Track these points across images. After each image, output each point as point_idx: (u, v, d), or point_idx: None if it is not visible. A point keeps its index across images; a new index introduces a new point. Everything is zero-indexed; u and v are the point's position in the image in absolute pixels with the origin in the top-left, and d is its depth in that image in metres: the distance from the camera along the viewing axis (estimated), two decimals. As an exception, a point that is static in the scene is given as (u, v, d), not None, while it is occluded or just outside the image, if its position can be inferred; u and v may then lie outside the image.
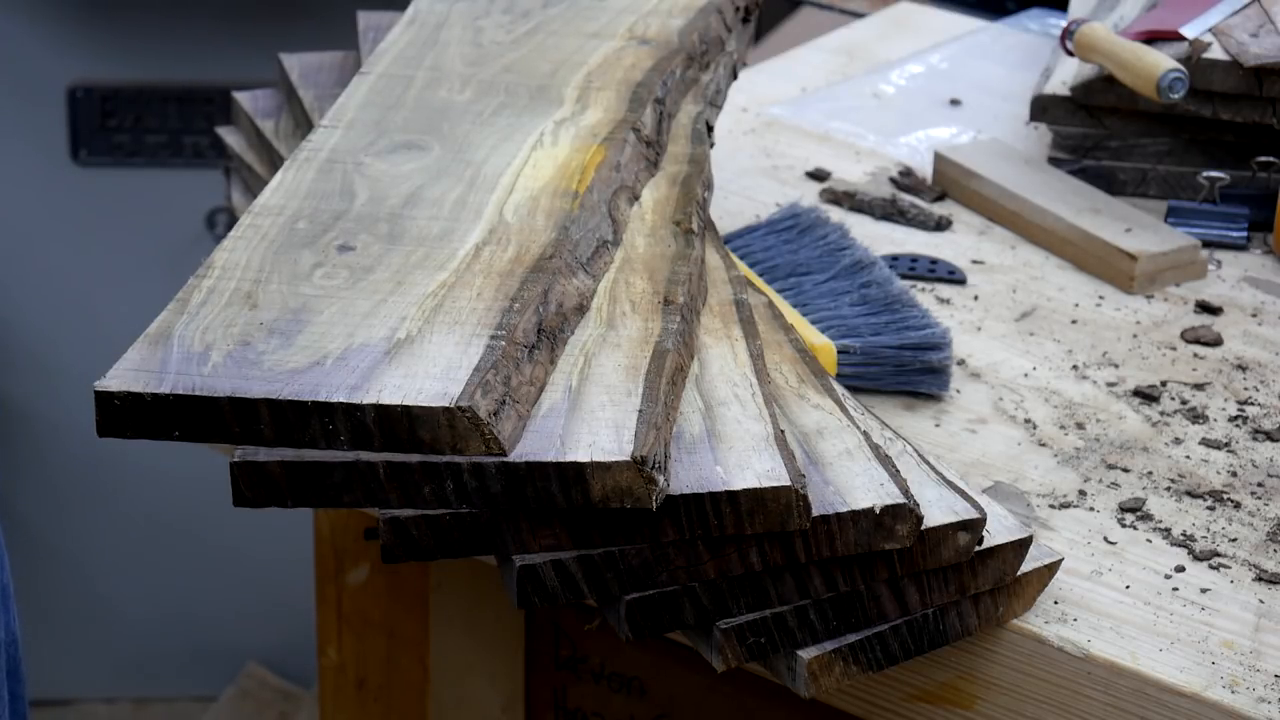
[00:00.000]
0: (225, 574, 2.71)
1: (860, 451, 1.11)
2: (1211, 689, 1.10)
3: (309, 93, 1.48)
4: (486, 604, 1.47)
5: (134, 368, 1.04)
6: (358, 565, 1.56)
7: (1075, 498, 1.26)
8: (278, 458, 1.03)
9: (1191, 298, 1.53)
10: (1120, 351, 1.45)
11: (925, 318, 1.38)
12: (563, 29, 1.51)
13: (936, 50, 2.00)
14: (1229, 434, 1.34)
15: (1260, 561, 1.21)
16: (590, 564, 1.05)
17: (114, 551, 2.72)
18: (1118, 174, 1.68)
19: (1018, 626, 1.14)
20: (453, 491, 1.02)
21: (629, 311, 1.16)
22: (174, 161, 2.61)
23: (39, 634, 2.75)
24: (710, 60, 1.52)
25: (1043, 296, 1.52)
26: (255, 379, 1.03)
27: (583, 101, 1.38)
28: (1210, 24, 1.65)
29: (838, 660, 1.09)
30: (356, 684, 1.59)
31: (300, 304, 1.11)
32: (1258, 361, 1.44)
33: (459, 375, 1.03)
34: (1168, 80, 1.56)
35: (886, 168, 1.74)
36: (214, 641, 2.74)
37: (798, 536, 1.05)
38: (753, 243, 1.48)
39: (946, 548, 1.08)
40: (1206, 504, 1.26)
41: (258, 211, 1.22)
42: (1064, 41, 1.69)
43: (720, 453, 1.07)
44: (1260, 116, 1.61)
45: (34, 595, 2.73)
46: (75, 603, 2.75)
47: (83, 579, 2.73)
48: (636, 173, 1.31)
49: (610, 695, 1.43)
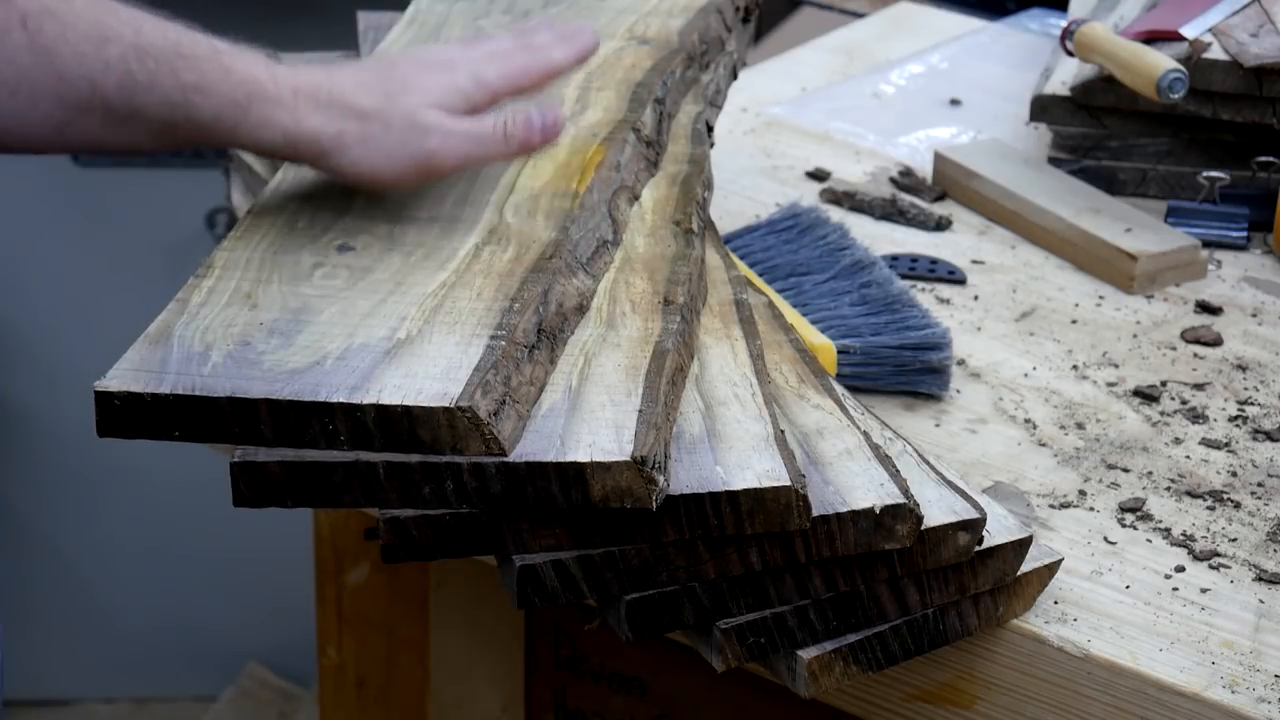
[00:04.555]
0: (225, 574, 2.71)
1: (860, 451, 1.11)
2: (1211, 689, 1.10)
3: (309, 93, 1.48)
4: (486, 604, 1.47)
5: (134, 368, 1.04)
6: (358, 565, 1.56)
7: (1075, 498, 1.26)
8: (278, 458, 1.03)
9: (1191, 298, 1.53)
10: (1120, 351, 1.45)
11: (925, 318, 1.38)
12: (563, 29, 1.51)
13: (936, 50, 2.00)
14: (1229, 434, 1.34)
15: (1260, 561, 1.21)
16: (590, 564, 1.05)
17: (114, 551, 2.72)
18: (1118, 174, 1.68)
19: (1018, 626, 1.14)
20: (453, 491, 1.02)
21: (629, 311, 1.16)
22: (174, 161, 2.61)
23: (39, 634, 2.75)
24: (710, 60, 1.52)
25: (1043, 296, 1.52)
26: (255, 379, 1.03)
27: (583, 101, 1.38)
28: (1210, 24, 1.65)
29: (838, 660, 1.09)
30: (356, 684, 1.59)
31: (300, 304, 1.11)
32: (1258, 361, 1.44)
33: (459, 375, 1.03)
34: (1168, 80, 1.56)
35: (886, 168, 1.74)
36: (214, 641, 2.74)
37: (798, 536, 1.05)
38: (753, 243, 1.48)
39: (946, 548, 1.08)
40: (1206, 504, 1.26)
41: (258, 211, 1.22)
42: (1064, 41, 1.69)
43: (720, 453, 1.06)
44: (1260, 116, 1.61)
45: (34, 595, 2.73)
46: (75, 602, 2.74)
47: (83, 579, 2.73)
48: (636, 173, 1.31)
49: (610, 695, 1.43)
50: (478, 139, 1.17)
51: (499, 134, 1.17)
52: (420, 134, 1.15)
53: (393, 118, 1.15)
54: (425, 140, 1.15)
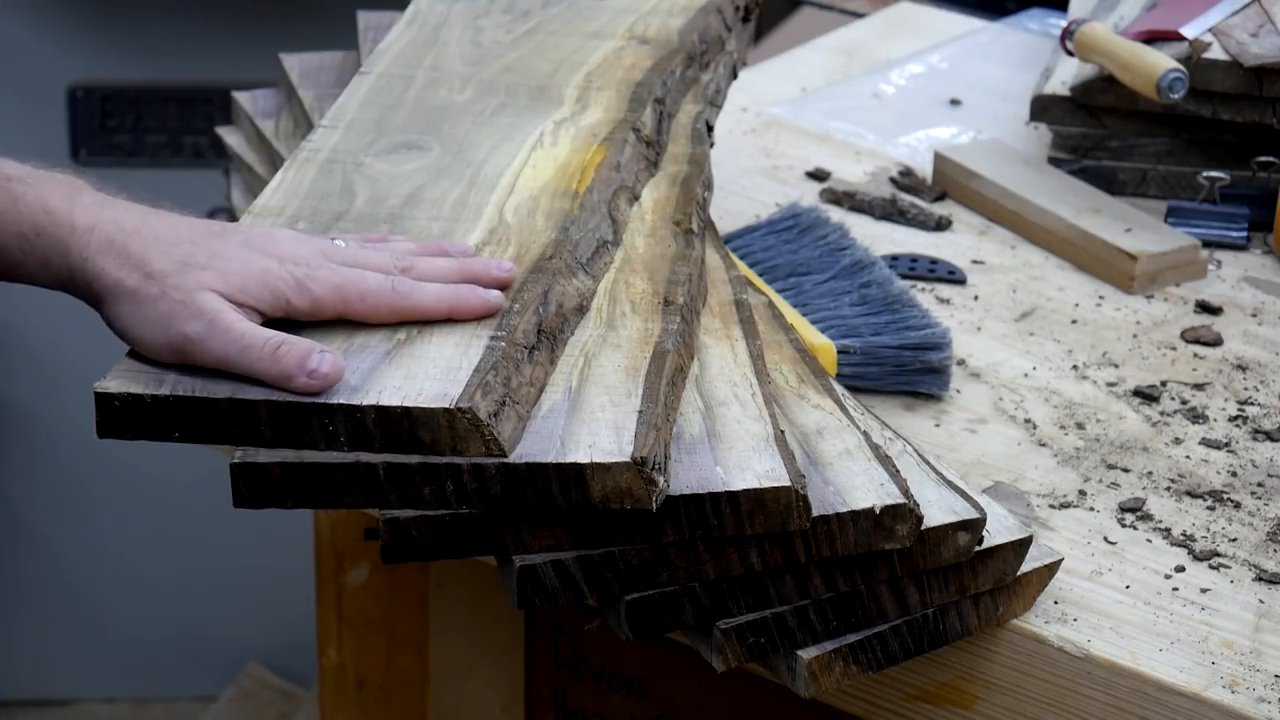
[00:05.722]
0: (225, 574, 2.71)
1: (860, 451, 1.11)
2: (1211, 689, 1.10)
3: (309, 93, 1.48)
4: (486, 604, 1.47)
5: (134, 369, 1.04)
6: (358, 565, 1.56)
7: (1075, 498, 1.26)
8: (278, 459, 1.03)
9: (1191, 298, 1.53)
10: (1120, 351, 1.45)
11: (925, 318, 1.38)
12: (563, 29, 1.51)
13: (936, 50, 2.00)
14: (1229, 434, 1.34)
15: (1260, 561, 1.21)
16: (590, 564, 1.05)
17: (113, 552, 2.72)
18: (1118, 174, 1.68)
19: (1018, 626, 1.14)
20: (453, 492, 1.02)
21: (629, 312, 1.16)
22: (174, 161, 2.61)
23: (39, 634, 2.75)
24: (710, 60, 1.52)
25: (1043, 296, 1.52)
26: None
27: (583, 101, 1.38)
28: (1210, 24, 1.65)
29: (838, 660, 1.09)
30: (356, 684, 1.59)
31: (300, 304, 1.11)
32: (1258, 361, 1.44)
33: (459, 376, 1.03)
34: (1168, 80, 1.56)
35: (886, 168, 1.74)
36: (214, 641, 2.74)
37: (798, 536, 1.05)
38: (753, 243, 1.48)
39: (946, 548, 1.08)
40: (1206, 504, 1.26)
41: (258, 212, 1.22)
42: (1064, 41, 1.69)
43: (720, 453, 1.06)
44: (1260, 116, 1.61)
45: (34, 595, 2.73)
46: (75, 602, 2.74)
47: (82, 579, 2.73)
48: (636, 173, 1.31)
49: (610, 695, 1.43)
50: (243, 347, 1.03)
51: (268, 352, 1.03)
52: (186, 317, 1.04)
53: (171, 289, 1.04)
54: (187, 325, 1.04)
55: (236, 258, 1.07)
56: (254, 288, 1.06)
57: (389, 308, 1.09)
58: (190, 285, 1.05)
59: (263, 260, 1.07)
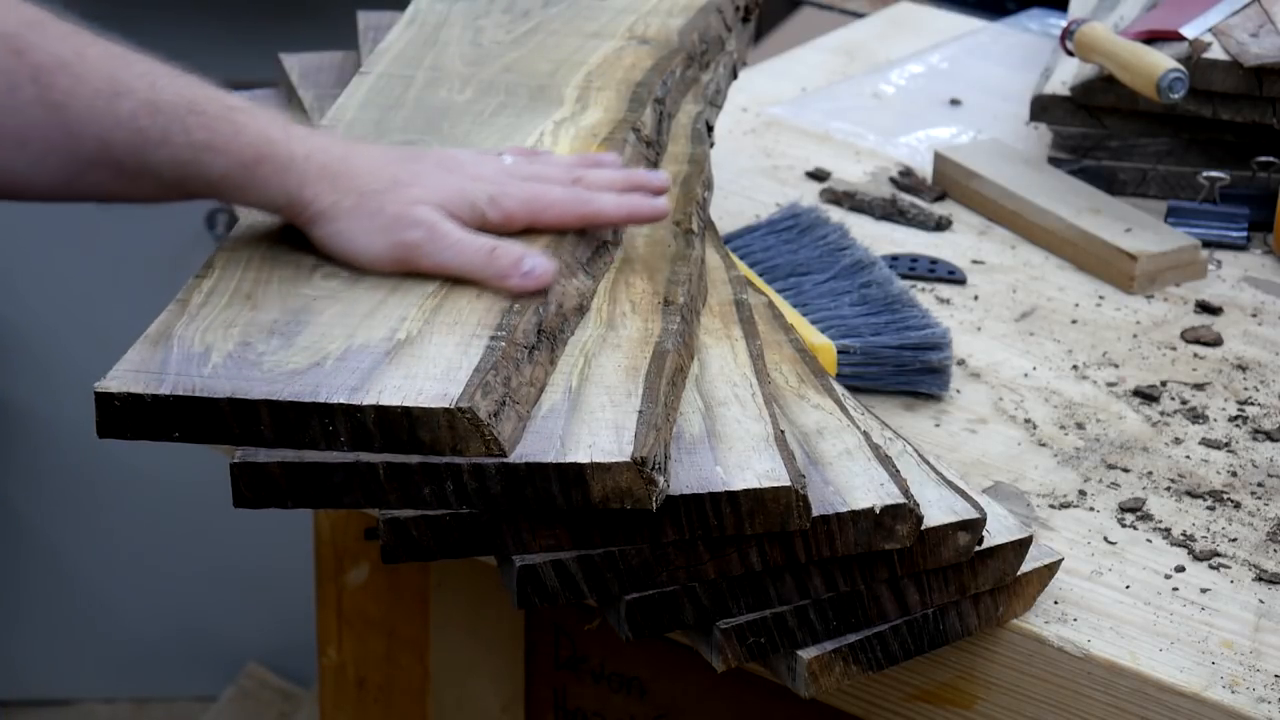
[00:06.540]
0: (225, 574, 2.71)
1: (860, 451, 1.11)
2: (1211, 689, 1.10)
3: (309, 93, 1.48)
4: (486, 604, 1.47)
5: (134, 368, 1.04)
6: (358, 565, 1.56)
7: (1075, 498, 1.26)
8: (278, 459, 1.03)
9: (1191, 298, 1.53)
10: (1120, 351, 1.45)
11: (925, 318, 1.38)
12: (563, 29, 1.51)
13: (936, 50, 2.00)
14: (1229, 434, 1.34)
15: (1260, 561, 1.21)
16: (590, 564, 1.05)
17: (114, 551, 2.72)
18: (1118, 174, 1.68)
19: (1018, 626, 1.14)
20: (453, 492, 1.02)
21: (629, 312, 1.16)
22: (174, 161, 2.61)
23: (39, 634, 2.75)
24: (710, 60, 1.52)
25: (1043, 296, 1.52)
26: (255, 380, 1.03)
27: (583, 101, 1.38)
28: (1210, 24, 1.65)
29: (838, 660, 1.09)
30: (356, 684, 1.59)
31: (300, 305, 1.11)
32: (1258, 361, 1.44)
33: (459, 376, 1.03)
34: (1168, 80, 1.56)
35: (886, 168, 1.74)
36: (214, 641, 2.74)
37: (798, 536, 1.05)
38: (753, 243, 1.48)
39: (946, 548, 1.08)
40: (1206, 504, 1.26)
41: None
42: (1064, 41, 1.69)
43: (720, 453, 1.06)
44: (1260, 116, 1.61)
45: (34, 595, 2.73)
46: (75, 602, 2.75)
47: (83, 579, 2.73)
48: (636, 173, 1.31)
49: (610, 695, 1.43)
50: (461, 251, 1.12)
51: (483, 254, 1.12)
52: (407, 225, 1.12)
53: (388, 204, 1.13)
54: (407, 232, 1.12)
55: (436, 176, 1.16)
56: (456, 202, 1.14)
57: (575, 215, 1.18)
58: (405, 199, 1.13)
59: (457, 179, 1.16)
